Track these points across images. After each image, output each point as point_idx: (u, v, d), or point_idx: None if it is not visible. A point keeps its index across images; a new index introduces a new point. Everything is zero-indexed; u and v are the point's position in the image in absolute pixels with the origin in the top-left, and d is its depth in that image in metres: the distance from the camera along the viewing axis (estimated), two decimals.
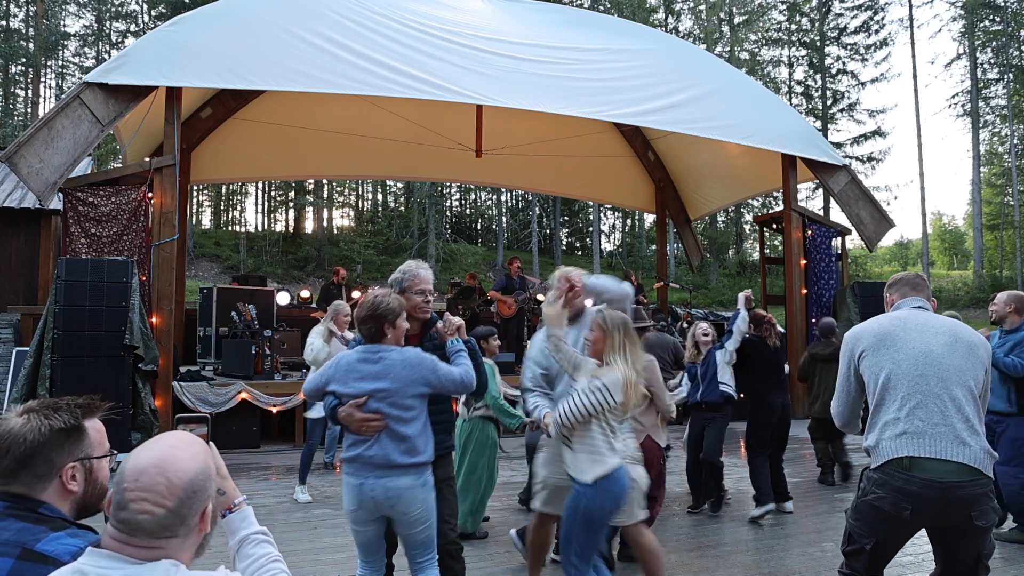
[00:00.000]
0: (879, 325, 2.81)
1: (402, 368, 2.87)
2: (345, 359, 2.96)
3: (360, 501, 2.84)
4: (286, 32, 8.14)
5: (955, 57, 33.73)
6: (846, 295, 10.59)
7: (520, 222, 35.64)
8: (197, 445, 1.38)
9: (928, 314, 2.82)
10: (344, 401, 2.87)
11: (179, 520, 1.28)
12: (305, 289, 13.76)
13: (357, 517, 2.89)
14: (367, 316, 2.92)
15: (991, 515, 2.56)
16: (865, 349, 2.77)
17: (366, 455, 2.83)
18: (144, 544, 1.27)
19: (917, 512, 2.53)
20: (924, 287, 2.95)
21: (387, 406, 2.83)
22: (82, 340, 7.10)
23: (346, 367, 2.92)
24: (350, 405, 2.83)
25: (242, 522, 1.63)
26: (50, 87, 33.17)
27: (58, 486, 1.55)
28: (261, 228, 35.00)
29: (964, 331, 2.74)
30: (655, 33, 14.75)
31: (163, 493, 1.26)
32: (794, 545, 4.85)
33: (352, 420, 2.82)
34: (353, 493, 2.86)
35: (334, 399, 2.91)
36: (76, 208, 7.81)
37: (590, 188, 15.56)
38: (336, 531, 5.14)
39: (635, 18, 26.96)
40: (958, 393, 2.59)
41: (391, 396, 2.84)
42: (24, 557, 1.41)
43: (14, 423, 1.54)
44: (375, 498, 2.82)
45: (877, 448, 2.66)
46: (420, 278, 3.24)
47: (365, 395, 2.83)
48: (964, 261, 37.78)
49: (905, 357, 2.66)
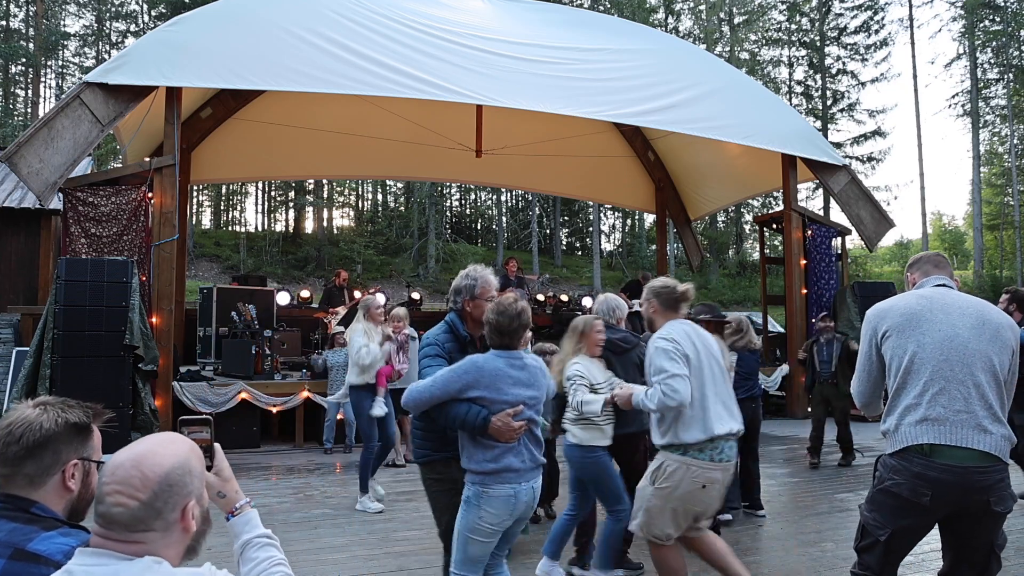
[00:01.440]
0: (905, 304, 2.71)
1: (541, 375, 2.92)
2: (488, 364, 2.81)
3: (514, 510, 2.79)
4: (286, 32, 8.14)
5: (955, 57, 33.73)
6: (846, 295, 10.59)
7: (520, 222, 35.65)
8: (179, 443, 1.38)
9: (954, 293, 2.74)
10: (495, 410, 2.74)
11: (153, 514, 1.27)
12: (305, 289, 13.75)
13: (499, 529, 2.79)
14: (512, 323, 2.83)
15: (1008, 501, 2.53)
16: (890, 328, 2.69)
17: (517, 464, 2.78)
18: (121, 538, 1.27)
19: (936, 498, 2.49)
20: (946, 265, 2.88)
21: (534, 413, 2.85)
22: (82, 340, 7.09)
23: (494, 373, 2.78)
24: (506, 414, 2.73)
25: (245, 525, 1.62)
26: (50, 87, 33.19)
27: (58, 482, 1.56)
28: (261, 228, 35.02)
29: (991, 312, 2.67)
30: (655, 33, 14.76)
31: (137, 486, 1.27)
32: (794, 545, 4.84)
33: (508, 430, 2.72)
34: (508, 505, 2.76)
35: (483, 409, 2.75)
36: (76, 208, 7.81)
37: (590, 188, 15.56)
38: (336, 531, 5.14)
39: (635, 18, 26.96)
40: (982, 379, 2.54)
41: (538, 403, 2.87)
42: (16, 557, 1.42)
43: (29, 412, 1.57)
44: (527, 502, 2.81)
45: (896, 433, 2.61)
46: (491, 285, 3.18)
47: (520, 403, 2.78)
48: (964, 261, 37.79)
49: (930, 340, 2.59)
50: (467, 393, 2.76)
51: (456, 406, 2.77)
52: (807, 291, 10.90)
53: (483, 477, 2.77)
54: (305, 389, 8.46)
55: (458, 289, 3.18)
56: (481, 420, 2.72)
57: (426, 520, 5.54)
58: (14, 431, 1.54)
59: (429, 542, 4.92)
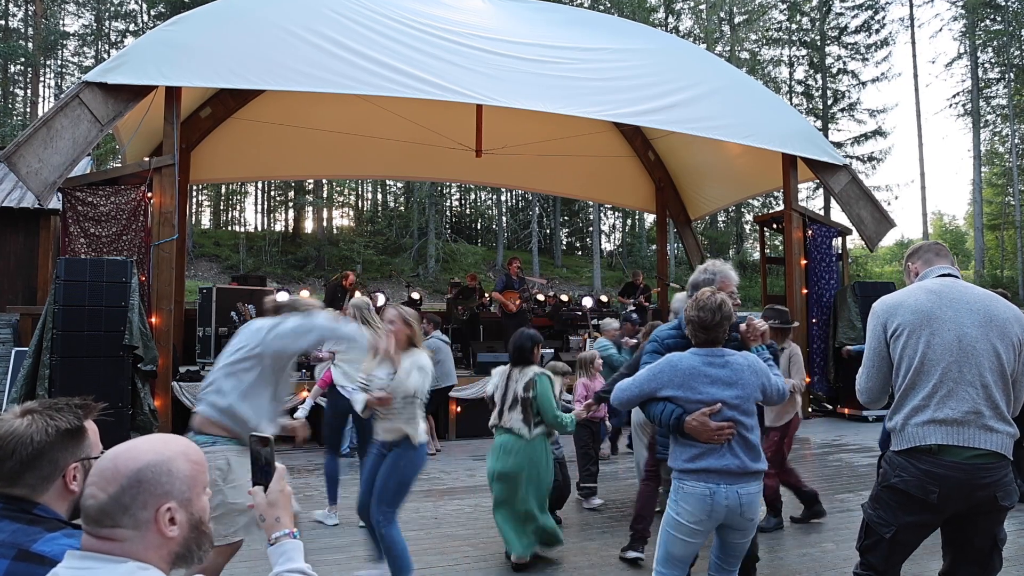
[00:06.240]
0: (915, 301, 2.67)
1: (750, 374, 2.79)
2: (683, 363, 2.77)
3: (711, 511, 2.72)
4: (286, 32, 8.13)
5: (956, 57, 33.72)
6: (847, 295, 10.58)
7: (520, 222, 35.63)
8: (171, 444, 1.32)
9: (961, 285, 2.71)
10: (690, 409, 2.72)
11: (120, 509, 1.23)
12: (305, 289, 13.75)
13: (697, 529, 2.75)
14: (714, 317, 2.76)
15: (1014, 495, 2.56)
16: (900, 326, 2.66)
17: (719, 465, 2.70)
18: (94, 532, 1.25)
19: (944, 495, 2.51)
20: (947, 253, 2.85)
21: (739, 414, 2.74)
22: (81, 340, 7.08)
23: (688, 371, 2.74)
24: (702, 413, 2.69)
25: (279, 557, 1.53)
26: (49, 87, 33.20)
27: (60, 486, 1.56)
28: (261, 228, 35.02)
29: (999, 307, 2.64)
30: (655, 33, 14.73)
31: (108, 478, 1.24)
32: (794, 545, 4.83)
33: (706, 430, 2.69)
34: (703, 504, 2.71)
35: (676, 408, 2.74)
36: (75, 208, 7.80)
37: (590, 188, 15.54)
38: (336, 531, 5.13)
39: (635, 18, 26.95)
40: (990, 379, 2.54)
41: (743, 404, 2.75)
42: (20, 558, 1.41)
43: (16, 424, 1.53)
44: (728, 506, 2.71)
45: (902, 432, 2.61)
46: (730, 279, 3.14)
47: (718, 402, 2.71)
48: (965, 261, 37.72)
49: (940, 341, 2.58)
50: (661, 392, 2.77)
51: (654, 405, 2.79)
52: (807, 291, 10.89)
53: (680, 474, 2.78)
54: (305, 389, 8.44)
55: (696, 283, 3.13)
56: (675, 419, 2.72)
57: (426, 521, 5.54)
58: (6, 447, 1.51)
59: (428, 543, 4.91)
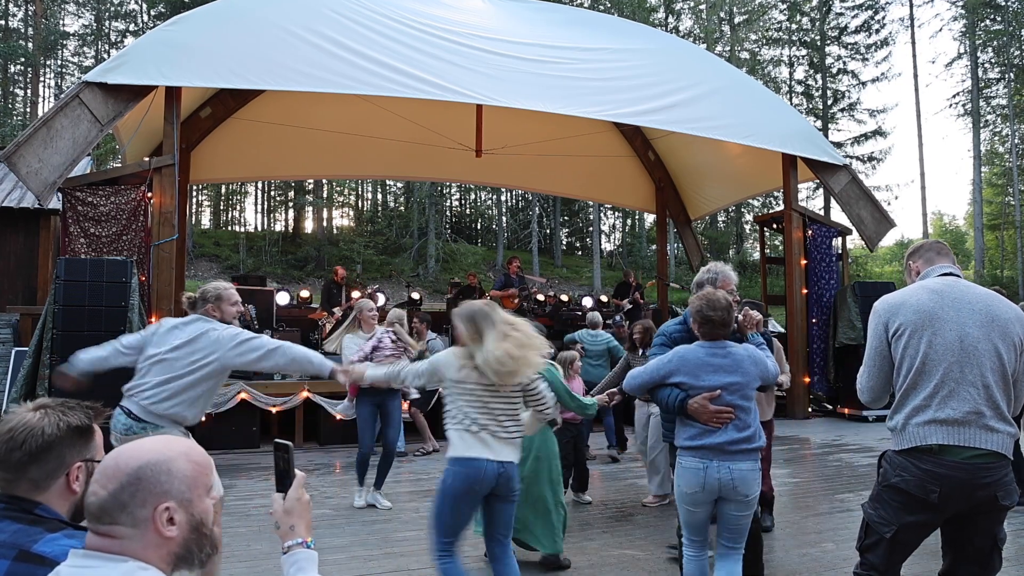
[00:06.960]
0: (917, 301, 2.68)
1: (749, 364, 3.12)
2: (691, 354, 3.13)
3: (704, 483, 3.03)
4: (286, 31, 8.13)
5: (956, 57, 33.71)
6: (846, 295, 10.58)
7: (520, 222, 35.62)
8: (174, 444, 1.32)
9: (962, 284, 2.71)
10: (693, 394, 3.06)
11: (119, 506, 1.23)
12: (305, 289, 13.76)
13: (696, 499, 3.08)
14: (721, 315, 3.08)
15: (1014, 494, 2.57)
16: (902, 326, 2.67)
17: (712, 442, 3.02)
18: (94, 529, 1.25)
19: (945, 495, 2.51)
20: (948, 252, 2.86)
21: (738, 399, 3.06)
22: (81, 340, 6.97)
23: (695, 362, 3.10)
24: (703, 398, 3.03)
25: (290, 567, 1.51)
26: (49, 87, 33.21)
27: (63, 485, 1.56)
28: (261, 228, 35.02)
29: (1000, 308, 2.65)
30: (655, 33, 14.74)
31: (108, 475, 1.25)
32: (794, 545, 4.83)
33: (705, 412, 3.02)
34: (696, 476, 3.04)
35: (681, 392, 3.08)
36: (75, 208, 7.80)
37: (590, 188, 15.54)
38: (336, 531, 5.13)
39: (635, 18, 26.94)
40: (991, 379, 2.55)
41: (741, 389, 3.08)
42: (21, 559, 1.41)
43: (29, 417, 1.55)
44: (720, 479, 3.01)
45: (903, 432, 2.62)
46: (730, 278, 3.49)
47: (718, 388, 3.03)
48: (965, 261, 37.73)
49: (941, 341, 2.59)
50: (671, 379, 3.12)
51: (662, 389, 3.14)
52: (807, 291, 10.89)
53: (681, 451, 3.13)
54: (305, 389, 8.44)
55: (700, 282, 3.51)
56: (679, 402, 3.07)
57: (426, 520, 5.53)
58: (16, 437, 1.52)
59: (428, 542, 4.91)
